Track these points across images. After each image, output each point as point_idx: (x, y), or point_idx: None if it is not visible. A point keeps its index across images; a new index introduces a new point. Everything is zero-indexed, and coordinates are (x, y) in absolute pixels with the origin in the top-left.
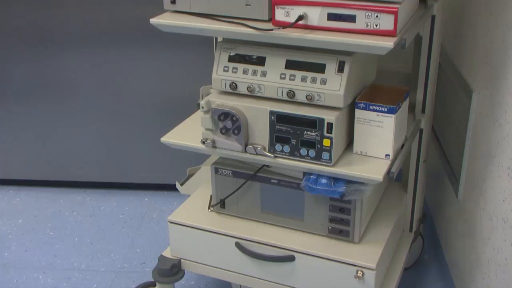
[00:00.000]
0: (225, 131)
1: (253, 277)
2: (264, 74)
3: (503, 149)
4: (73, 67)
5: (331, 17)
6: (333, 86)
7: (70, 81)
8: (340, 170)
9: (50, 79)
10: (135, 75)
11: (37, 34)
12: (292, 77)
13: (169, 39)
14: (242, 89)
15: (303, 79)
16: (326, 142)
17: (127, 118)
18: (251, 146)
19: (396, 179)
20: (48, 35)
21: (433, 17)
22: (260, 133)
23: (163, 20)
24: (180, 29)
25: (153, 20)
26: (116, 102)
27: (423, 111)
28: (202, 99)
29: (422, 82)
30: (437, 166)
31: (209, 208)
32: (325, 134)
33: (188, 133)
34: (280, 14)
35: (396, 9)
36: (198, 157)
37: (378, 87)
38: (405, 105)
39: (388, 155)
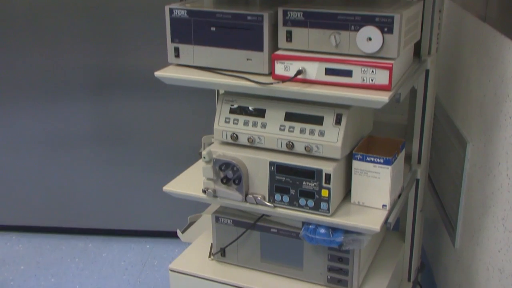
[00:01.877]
0: (226, 181)
1: None
2: (264, 125)
3: (498, 200)
4: (76, 114)
5: (329, 72)
6: (331, 138)
7: (73, 128)
8: (338, 220)
9: (53, 126)
10: (138, 123)
11: (41, 81)
12: (291, 129)
13: (173, 88)
14: (242, 140)
15: (302, 131)
16: (324, 193)
17: (129, 166)
18: (251, 196)
19: (393, 228)
20: (52, 81)
21: (427, 71)
22: (260, 183)
23: (167, 74)
24: (184, 82)
25: (157, 74)
26: (119, 150)
27: (419, 161)
28: (204, 148)
29: (418, 134)
30: (434, 215)
31: (209, 257)
32: (323, 184)
33: (190, 182)
34: (280, 68)
35: (390, 65)
36: (200, 205)
37: (375, 138)
38: (401, 156)
39: (385, 205)
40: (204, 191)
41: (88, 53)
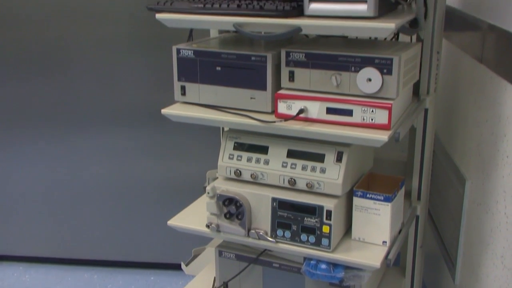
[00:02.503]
0: (229, 216)
1: None
2: (267, 162)
3: (496, 237)
4: (82, 146)
5: (330, 111)
6: (332, 175)
7: (79, 160)
8: (339, 256)
9: (60, 158)
10: (144, 157)
11: (51, 115)
12: (293, 166)
13: (179, 124)
14: (246, 176)
15: (304, 168)
16: (326, 229)
17: (135, 198)
18: (253, 231)
19: (394, 263)
20: (57, 114)
21: (426, 110)
22: (263, 218)
23: (174, 111)
24: (190, 120)
25: (164, 111)
26: (125, 182)
27: (419, 198)
28: (209, 182)
29: (418, 171)
30: (434, 250)
31: None
32: (325, 221)
33: (194, 217)
34: (283, 107)
35: (390, 105)
36: (204, 237)
37: (375, 175)
38: (401, 193)
39: (386, 242)
40: (207, 226)
41: (97, 88)
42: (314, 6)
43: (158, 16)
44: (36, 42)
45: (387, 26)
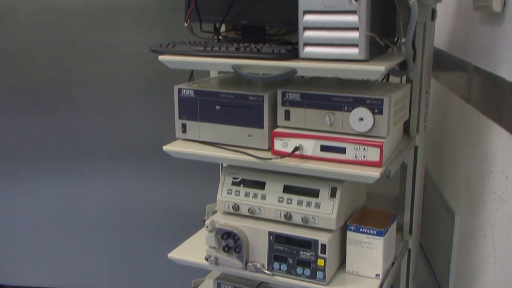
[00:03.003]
0: (227, 249)
1: None
2: (264, 197)
3: (485, 271)
4: (85, 179)
5: (324, 148)
6: (326, 210)
7: (83, 192)
8: None
9: (64, 189)
10: (146, 190)
11: (50, 147)
12: (289, 201)
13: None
14: (243, 210)
15: (299, 203)
16: (320, 262)
17: (137, 229)
18: (251, 264)
19: None
20: (62, 148)
21: (416, 148)
22: (260, 251)
23: (175, 148)
24: (190, 156)
25: (166, 148)
26: (126, 214)
27: (410, 232)
28: (208, 216)
29: (409, 205)
30: (426, 282)
31: None
32: (319, 254)
33: (194, 250)
34: (279, 144)
35: (381, 143)
36: (203, 269)
37: (368, 210)
38: (393, 227)
39: (378, 274)
40: (206, 259)
41: (101, 123)
42: (308, 49)
43: (161, 58)
44: (45, 79)
45: (377, 69)
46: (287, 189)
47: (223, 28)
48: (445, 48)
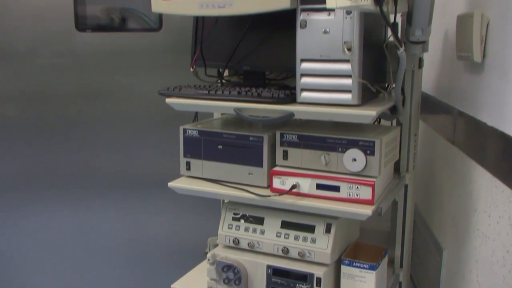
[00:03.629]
0: (227, 281)
1: None
2: (262, 232)
3: None
4: (92, 212)
5: (319, 187)
6: (322, 245)
7: (90, 226)
8: None
9: (72, 221)
10: (151, 223)
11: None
12: (286, 236)
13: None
14: (243, 244)
15: (296, 238)
16: None
17: (140, 261)
18: None
19: None
20: (73, 182)
21: (406, 186)
22: (259, 284)
23: (180, 184)
24: (193, 193)
25: (171, 184)
26: (131, 246)
27: (401, 266)
28: (209, 249)
29: (400, 241)
30: None
31: None
32: (315, 287)
33: (196, 281)
34: (277, 182)
35: (373, 183)
36: None
37: (361, 245)
38: (385, 262)
39: None
40: None
41: (111, 159)
42: (305, 94)
43: (168, 100)
44: (59, 116)
45: (369, 113)
46: (285, 225)
47: (226, 73)
48: (432, 93)
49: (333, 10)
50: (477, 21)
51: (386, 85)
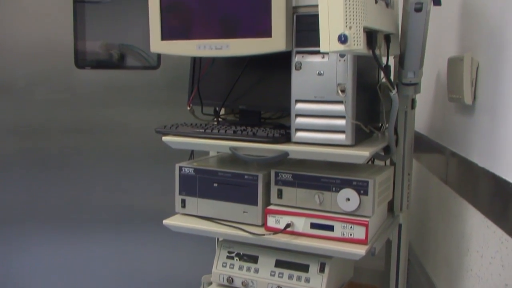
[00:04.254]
0: None
1: None
2: (256, 271)
3: None
4: (87, 245)
5: (314, 226)
6: (315, 285)
7: (84, 259)
8: None
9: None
10: (145, 259)
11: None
12: (280, 275)
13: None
14: (237, 283)
15: (290, 277)
16: None
17: None
18: None
19: None
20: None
21: (400, 226)
22: None
23: (175, 222)
24: (188, 230)
25: (166, 222)
26: (125, 280)
27: None
28: (204, 287)
29: (394, 280)
30: None
31: None
32: None
33: None
34: (272, 221)
35: (366, 222)
36: None
37: (355, 284)
38: None
39: None
40: None
41: (106, 193)
42: (299, 134)
43: (165, 138)
44: (56, 150)
45: (362, 154)
46: (279, 264)
47: (222, 111)
48: (425, 133)
49: (327, 53)
50: (467, 64)
51: (380, 124)
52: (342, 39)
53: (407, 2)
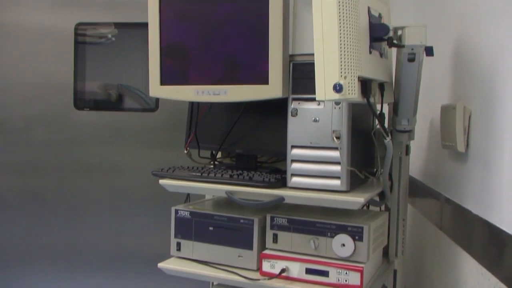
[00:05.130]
0: None
1: None
2: None
3: None
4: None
5: (309, 271)
6: None
7: None
8: None
9: None
10: None
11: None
12: None
13: None
14: None
15: None
16: None
17: None
18: None
19: None
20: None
21: (395, 271)
22: None
23: (169, 265)
24: (183, 274)
25: (160, 265)
26: None
27: None
28: None
29: None
30: None
31: None
32: None
33: None
34: (267, 266)
35: (361, 268)
36: None
37: None
38: None
39: None
40: None
41: (102, 233)
42: (295, 179)
43: (161, 181)
44: (54, 189)
45: (357, 200)
46: None
47: (219, 154)
48: (420, 178)
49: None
50: (460, 113)
51: (375, 169)
52: (337, 88)
53: (401, 52)
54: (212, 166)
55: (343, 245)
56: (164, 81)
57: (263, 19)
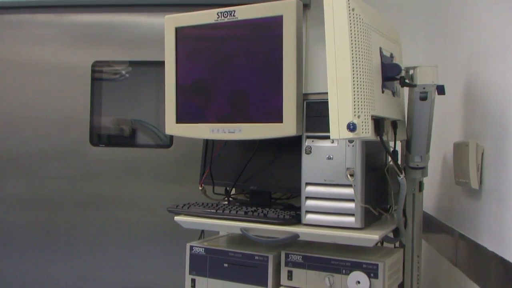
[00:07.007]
0: None
1: None
2: None
3: None
4: None
5: None
6: None
7: None
8: None
9: None
10: None
11: None
12: None
13: None
14: None
15: None
16: None
17: None
18: None
19: None
20: None
21: None
22: None
23: None
24: None
25: None
26: None
27: None
28: None
29: None
30: None
31: None
32: None
33: None
34: None
35: None
36: None
37: None
38: None
39: None
40: None
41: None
42: (310, 216)
43: (177, 218)
44: (66, 223)
45: (372, 237)
46: None
47: (233, 191)
48: (434, 214)
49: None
50: (473, 150)
51: (388, 206)
52: (351, 127)
53: (413, 91)
54: (226, 203)
55: (358, 282)
56: (180, 119)
57: (277, 57)
